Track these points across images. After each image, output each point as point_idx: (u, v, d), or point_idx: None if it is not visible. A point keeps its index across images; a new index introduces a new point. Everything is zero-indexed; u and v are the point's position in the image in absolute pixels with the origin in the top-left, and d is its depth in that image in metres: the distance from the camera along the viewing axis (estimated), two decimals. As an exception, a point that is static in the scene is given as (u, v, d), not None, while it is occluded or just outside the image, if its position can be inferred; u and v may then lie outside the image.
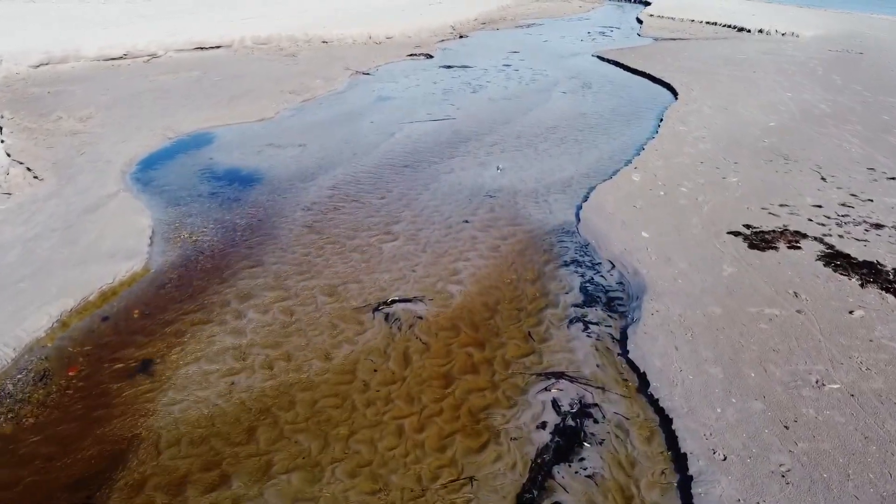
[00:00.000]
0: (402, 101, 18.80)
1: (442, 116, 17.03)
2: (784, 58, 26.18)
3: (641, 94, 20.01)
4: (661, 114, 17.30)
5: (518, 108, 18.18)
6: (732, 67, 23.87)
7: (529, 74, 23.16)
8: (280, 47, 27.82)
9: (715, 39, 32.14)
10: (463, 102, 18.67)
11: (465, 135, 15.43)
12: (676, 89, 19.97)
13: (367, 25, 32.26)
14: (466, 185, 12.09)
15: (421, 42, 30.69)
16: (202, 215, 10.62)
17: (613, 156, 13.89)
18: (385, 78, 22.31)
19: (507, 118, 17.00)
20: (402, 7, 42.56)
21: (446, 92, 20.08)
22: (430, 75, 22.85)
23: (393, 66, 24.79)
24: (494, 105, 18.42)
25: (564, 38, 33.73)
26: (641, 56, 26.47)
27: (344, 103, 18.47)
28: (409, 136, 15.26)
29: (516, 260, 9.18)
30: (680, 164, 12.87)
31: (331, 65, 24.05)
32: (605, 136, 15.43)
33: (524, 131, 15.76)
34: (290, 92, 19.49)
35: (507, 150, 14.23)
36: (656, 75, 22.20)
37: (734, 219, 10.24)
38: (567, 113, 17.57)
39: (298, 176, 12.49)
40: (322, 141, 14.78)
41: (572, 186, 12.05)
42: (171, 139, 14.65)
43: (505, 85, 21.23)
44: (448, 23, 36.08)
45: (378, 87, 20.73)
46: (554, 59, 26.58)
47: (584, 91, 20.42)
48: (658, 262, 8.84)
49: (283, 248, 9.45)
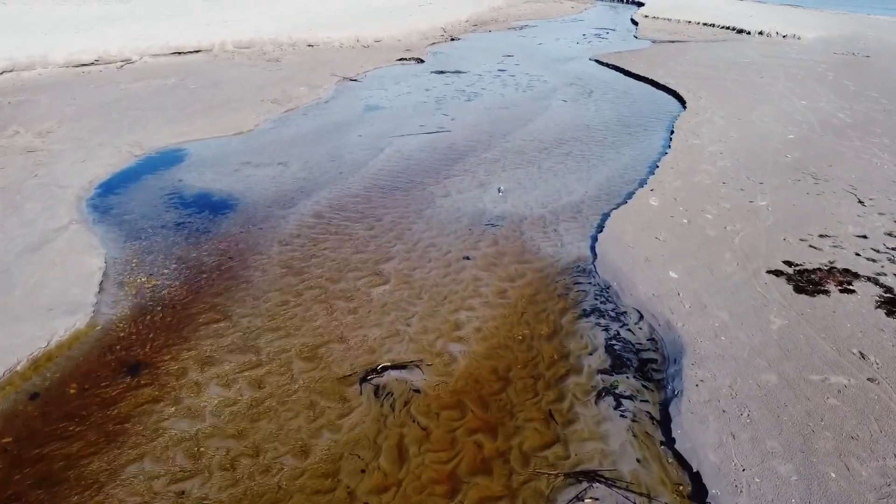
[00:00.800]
0: (393, 111, 17.41)
1: (435, 129, 15.66)
2: (790, 61, 24.99)
3: (646, 102, 18.72)
4: (671, 125, 16.01)
5: (517, 118, 16.83)
6: (738, 72, 22.64)
7: (526, 80, 21.82)
8: (263, 51, 26.34)
9: (714, 42, 30.95)
10: (457, 112, 17.30)
11: (462, 150, 14.07)
12: (683, 97, 18.70)
13: (354, 28, 30.83)
14: (465, 212, 10.73)
15: (411, 45, 29.29)
16: (164, 252, 9.19)
17: (625, 174, 12.57)
18: (373, 85, 20.90)
19: (506, 130, 15.65)
20: (390, 9, 41.12)
21: (439, 100, 18.71)
22: (421, 82, 21.46)
23: (382, 71, 23.39)
24: (491, 115, 17.07)
25: (559, 40, 32.43)
26: (641, 60, 25.21)
27: (329, 114, 17.06)
28: (399, 151, 13.88)
29: (527, 309, 7.83)
30: (700, 185, 11.57)
31: (316, 70, 22.61)
32: (612, 150, 14.12)
33: (525, 146, 14.41)
34: (272, 101, 18.05)
35: (507, 168, 12.88)
36: (660, 81, 20.92)
37: (772, 253, 8.94)
38: (569, 124, 16.24)
39: (277, 201, 11.09)
40: (304, 158, 13.37)
41: (583, 212, 10.72)
42: (138, 157, 13.19)
43: (501, 92, 19.88)
44: (439, 25, 34.69)
45: (366, 96, 19.32)
46: (550, 64, 25.26)
47: (585, 99, 19.10)
48: (693, 312, 7.52)
49: (255, 295, 8.05)
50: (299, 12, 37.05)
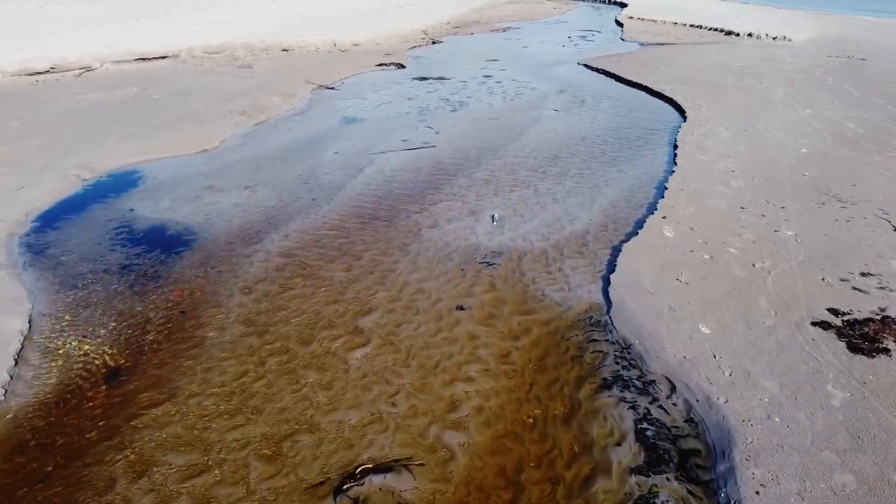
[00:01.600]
0: (372, 124, 16.01)
1: (419, 144, 14.29)
2: (785, 65, 23.96)
3: (643, 112, 17.50)
4: (673, 137, 14.80)
5: (506, 130, 15.52)
6: (734, 77, 21.53)
7: (514, 87, 20.52)
8: (234, 57, 24.78)
9: (704, 44, 29.89)
10: (443, 124, 15.95)
11: (449, 169, 12.72)
12: (682, 105, 17.51)
13: (331, 32, 29.33)
14: (456, 247, 9.38)
15: (391, 49, 27.88)
16: (104, 305, 7.75)
17: (631, 197, 11.30)
18: (352, 93, 19.47)
19: (496, 145, 14.32)
20: (369, 11, 39.63)
21: (422, 110, 17.34)
22: (402, 89, 20.07)
23: (361, 78, 21.96)
24: (479, 127, 15.74)
25: (544, 43, 31.19)
26: (632, 64, 24.03)
27: (304, 127, 15.61)
28: (381, 171, 12.49)
29: (536, 378, 6.50)
30: (717, 211, 10.33)
31: (290, 77, 21.13)
32: (613, 168, 12.85)
33: (518, 163, 13.10)
34: (242, 113, 16.57)
35: (500, 191, 11.55)
36: (654, 88, 19.72)
37: (813, 299, 7.70)
38: (564, 137, 14.96)
39: (241, 235, 9.66)
40: (275, 180, 11.94)
41: (590, 245, 9.42)
42: (86, 182, 11.69)
43: (488, 101, 18.54)
44: (419, 28, 33.29)
45: (344, 105, 17.89)
46: (537, 69, 23.98)
47: (577, 108, 17.84)
48: (736, 382, 6.24)
49: (208, 364, 6.64)
50: (274, 15, 35.43)
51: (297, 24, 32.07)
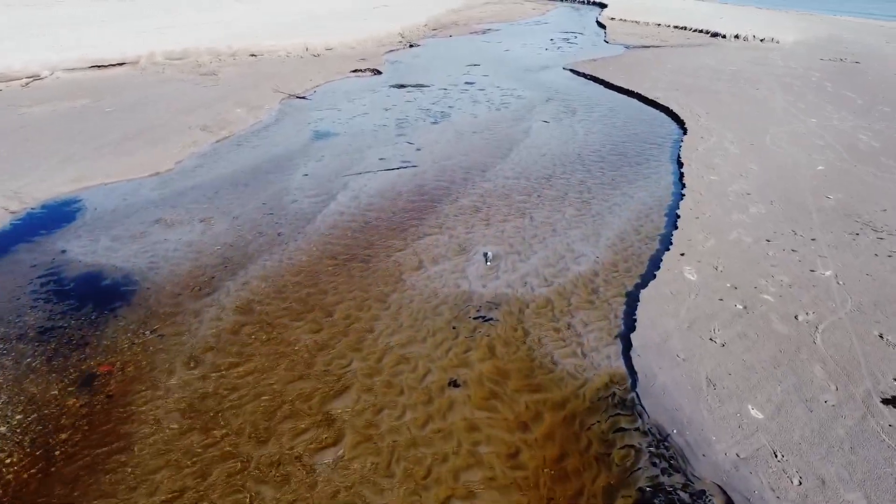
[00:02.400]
0: (347, 139, 14.50)
1: (399, 163, 12.83)
2: (779, 69, 22.89)
3: (639, 123, 16.21)
4: (675, 152, 13.53)
5: (494, 145, 14.12)
6: (728, 82, 20.37)
7: (498, 95, 19.12)
8: (198, 63, 23.06)
9: (691, 47, 28.80)
10: (424, 139, 14.50)
11: (433, 194, 11.29)
12: (679, 115, 16.26)
13: (303, 35, 27.70)
14: (445, 296, 7.95)
15: (366, 54, 26.34)
16: (11, 389, 6.19)
17: (640, 226, 9.96)
18: (324, 103, 17.93)
19: (484, 163, 12.92)
20: (343, 13, 38.00)
21: (401, 123, 15.87)
22: (379, 98, 18.58)
23: (334, 85, 20.41)
24: (463, 142, 14.32)
25: (526, 46, 29.86)
26: (620, 69, 22.79)
27: (270, 144, 14.06)
28: (356, 198, 11.02)
29: (555, 491, 5.09)
30: (740, 245, 9.03)
31: (258, 86, 19.52)
32: (615, 191, 11.51)
33: (509, 186, 11.70)
34: (202, 128, 14.96)
35: (492, 222, 10.14)
36: (648, 95, 18.47)
37: (875, 364, 6.40)
38: (557, 154, 13.60)
39: (191, 284, 8.13)
40: (235, 209, 10.42)
41: (601, 292, 8.05)
42: (14, 215, 10.06)
43: (472, 112, 17.13)
44: (395, 30, 31.77)
45: (315, 118, 16.36)
46: (521, 74, 22.63)
47: (568, 119, 16.50)
48: (811, 496, 4.90)
49: (133, 480, 5.13)
50: (242, 17, 33.65)
51: (267, 26, 30.37)
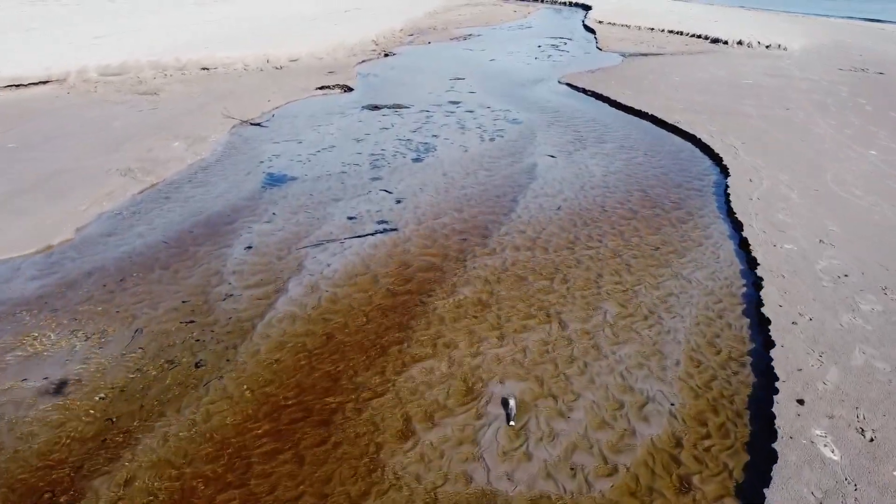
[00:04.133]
0: (307, 187, 11.32)
1: (374, 225, 9.71)
2: (800, 82, 20.13)
3: (664, 156, 13.24)
4: (722, 201, 10.61)
5: (493, 194, 11.05)
6: (753, 101, 17.53)
7: (490, 119, 16.03)
8: (139, 79, 19.59)
9: (693, 54, 26.00)
10: (405, 184, 11.38)
11: (421, 279, 8.18)
12: (710, 146, 13.33)
13: (265, 43, 24.28)
14: (453, 499, 4.84)
15: (336, 65, 23.06)
16: None
17: (717, 337, 6.95)
18: (283, 132, 14.68)
19: (484, 224, 9.84)
20: (311, 17, 34.54)
21: (377, 161, 12.71)
22: (350, 124, 15.38)
23: (297, 107, 17.16)
24: (455, 190, 11.21)
25: (513, 54, 26.80)
26: (624, 83, 19.84)
27: (208, 195, 10.83)
28: (314, 289, 7.86)
29: None
30: (875, 378, 6.07)
31: (205, 109, 16.20)
32: (665, 268, 8.49)
33: (522, 260, 8.63)
34: (124, 172, 11.68)
35: (507, 332, 7.05)
36: (666, 119, 15.53)
37: None
38: (575, 206, 10.56)
39: (46, 487, 4.92)
40: (141, 315, 7.20)
41: (695, 486, 5.00)
42: None
43: (461, 142, 14.01)
44: (369, 37, 28.48)
45: (270, 154, 13.12)
46: (513, 90, 19.57)
47: (578, 152, 13.47)
48: None
49: None
50: (197, 22, 30.04)
51: (223, 35, 26.87)
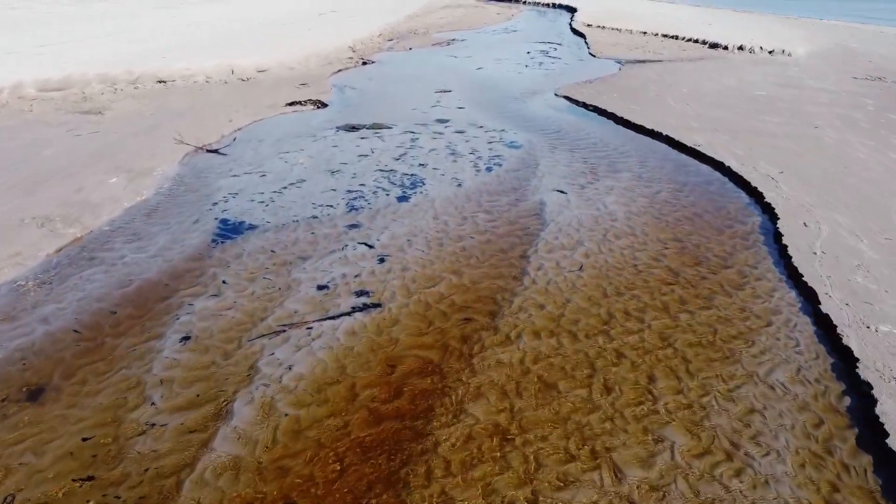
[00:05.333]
0: (268, 239, 9.06)
1: (351, 299, 7.49)
2: (817, 94, 18.25)
3: (690, 189, 11.18)
4: (778, 255, 8.57)
5: (498, 247, 8.89)
6: (773, 115, 15.59)
7: (484, 142, 13.88)
8: (83, 95, 17.12)
9: (692, 61, 24.09)
10: (389, 235, 9.17)
11: (413, 385, 5.97)
12: (744, 176, 11.32)
13: (230, 52, 21.86)
14: None
15: (309, 76, 20.75)
16: None
17: (833, 492, 4.86)
18: (244, 161, 12.41)
19: (491, 293, 7.67)
20: (282, 22, 32.08)
21: (354, 201, 10.49)
22: (323, 151, 13.14)
23: (263, 128, 14.86)
24: (450, 242, 9.04)
25: (501, 62, 24.68)
26: (626, 95, 17.81)
27: (141, 254, 8.53)
28: (270, 411, 5.63)
29: None
30: None
31: (156, 132, 13.84)
32: (735, 367, 6.37)
33: (545, 353, 6.47)
34: (41, 222, 9.35)
35: (541, 490, 4.88)
36: (683, 141, 13.50)
37: None
38: (601, 263, 8.44)
39: None
40: (18, 469, 4.91)
41: None
42: None
43: (454, 174, 11.83)
44: (345, 43, 26.17)
45: (225, 191, 10.85)
46: (506, 105, 17.44)
47: (590, 185, 11.37)
48: None
49: None
50: (155, 28, 27.46)
51: (185, 41, 24.38)
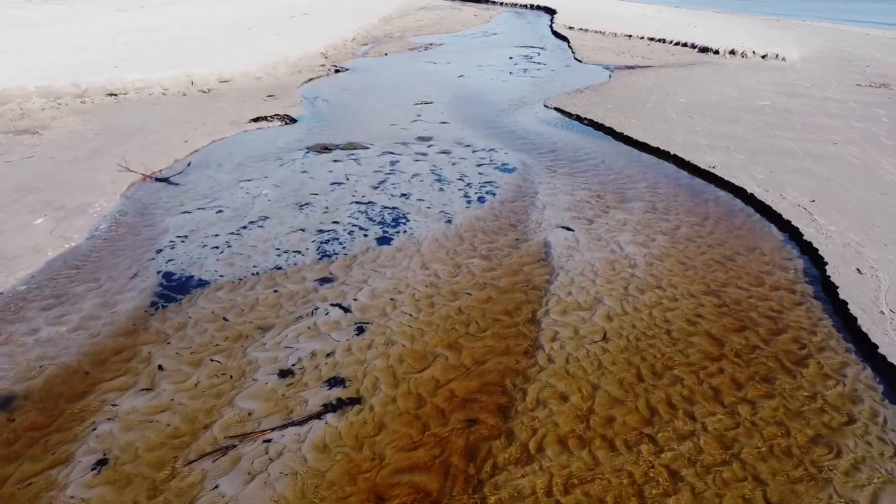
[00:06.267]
0: (220, 302, 7.28)
1: (322, 392, 5.77)
2: (825, 103, 16.93)
3: (716, 225, 9.65)
4: (834, 315, 7.05)
5: (501, 309, 7.24)
6: (785, 130, 14.19)
7: (473, 164, 12.23)
8: (21, 112, 15.09)
9: (685, 67, 22.71)
10: (369, 293, 7.46)
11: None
12: (775, 208, 9.82)
13: (191, 61, 19.86)
14: None
15: (277, 86, 18.90)
16: None
17: None
18: (198, 191, 10.60)
19: (497, 377, 6.02)
20: (250, 25, 30.04)
21: (326, 245, 8.75)
22: (290, 178, 11.38)
23: (222, 149, 13.04)
24: (443, 302, 7.36)
25: (484, 68, 23.04)
26: (622, 107, 16.30)
27: (57, 327, 6.71)
28: None
29: None
30: None
31: (98, 156, 11.95)
32: (825, 489, 4.81)
33: (577, 478, 4.83)
34: (-66, 284, 7.44)
35: None
36: (693, 161, 12.00)
37: None
38: (628, 332, 6.84)
39: None
40: None
41: None
42: None
43: (442, 207, 10.15)
44: (317, 49, 24.30)
45: (173, 234, 9.03)
46: (493, 118, 15.82)
47: (599, 220, 9.78)
48: None
49: None
50: (112, 35, 25.30)
51: (143, 48, 22.32)
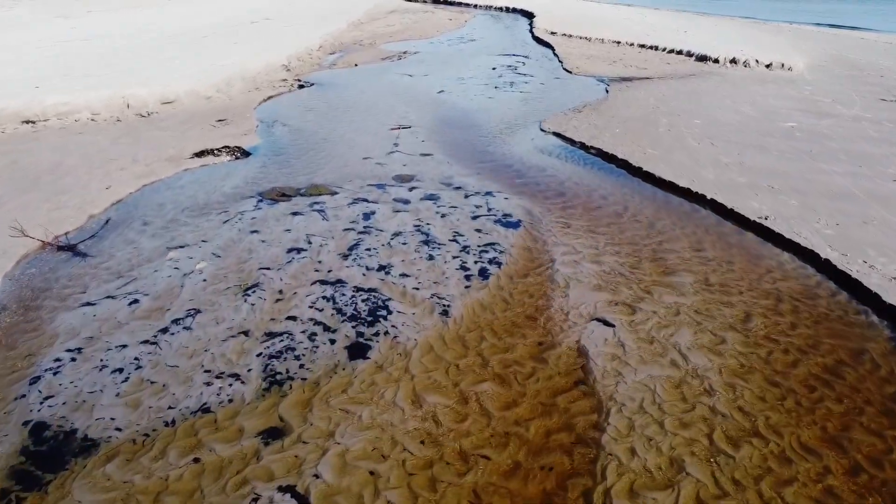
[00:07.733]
0: (106, 494, 4.61)
1: None
2: (858, 124, 14.78)
3: (793, 309, 7.31)
4: None
5: (538, 486, 4.72)
6: (829, 161, 11.94)
7: (467, 217, 9.69)
8: None
9: (684, 78, 20.46)
10: (335, 460, 4.88)
11: None
12: (872, 288, 7.50)
13: (130, 77, 16.90)
14: None
15: (230, 106, 16.10)
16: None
17: None
18: (111, 267, 7.86)
19: None
20: (207, 32, 26.98)
21: (274, 362, 6.13)
22: (234, 242, 8.71)
23: (152, 197, 10.32)
24: (447, 476, 4.82)
25: (466, 82, 20.47)
26: (632, 130, 13.93)
27: None
28: None
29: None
30: None
31: (-18, 219, 9.10)
32: None
33: None
34: None
35: None
36: (743, 212, 9.66)
37: None
38: None
39: None
40: None
41: None
42: None
43: (433, 288, 7.59)
44: (279, 59, 21.46)
45: (59, 346, 6.31)
46: (484, 148, 13.30)
47: (644, 303, 7.33)
48: None
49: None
50: (43, 47, 22.11)
51: (75, 62, 19.27)
